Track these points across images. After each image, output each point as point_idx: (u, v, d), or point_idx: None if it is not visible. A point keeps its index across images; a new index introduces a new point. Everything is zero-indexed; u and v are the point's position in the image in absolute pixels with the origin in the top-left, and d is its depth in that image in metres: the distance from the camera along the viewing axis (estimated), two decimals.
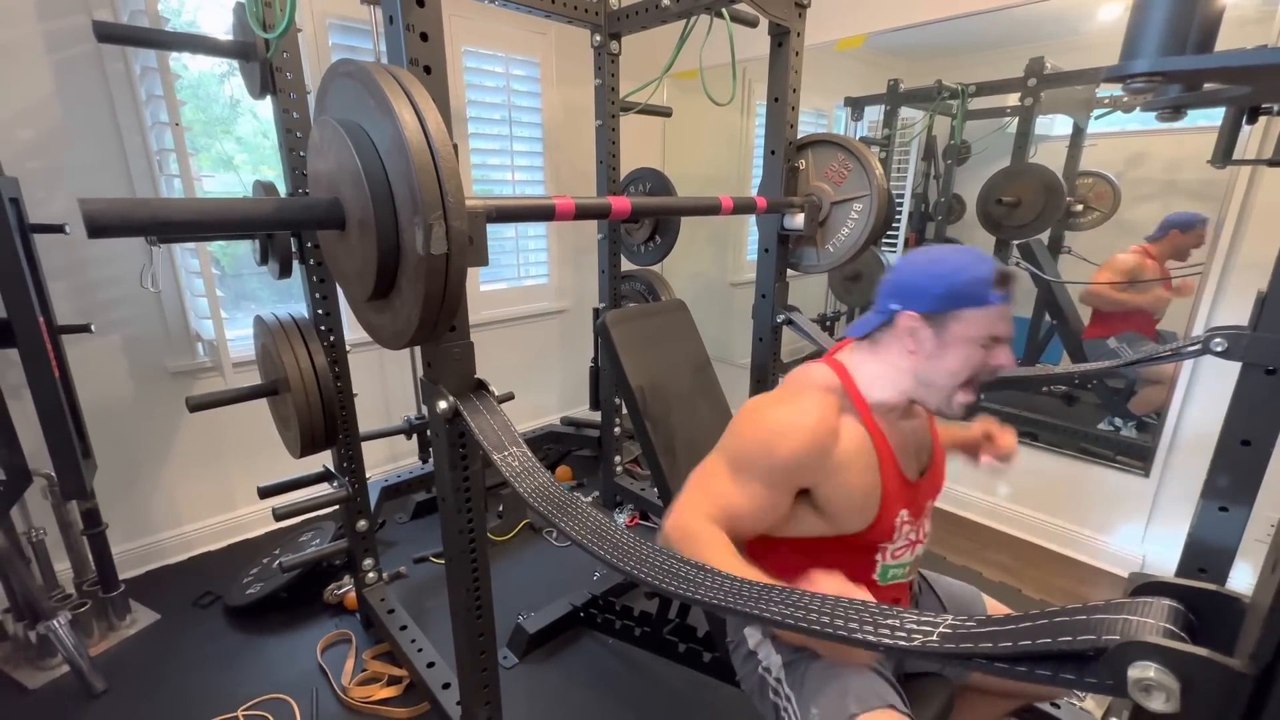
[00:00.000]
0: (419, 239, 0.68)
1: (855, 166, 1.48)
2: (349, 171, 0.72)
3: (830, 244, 1.57)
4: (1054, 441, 2.31)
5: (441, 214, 0.68)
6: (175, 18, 1.93)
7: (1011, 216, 2.34)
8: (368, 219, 0.71)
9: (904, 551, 0.96)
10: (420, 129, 0.68)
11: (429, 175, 0.67)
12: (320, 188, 0.81)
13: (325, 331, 1.51)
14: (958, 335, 0.82)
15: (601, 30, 1.84)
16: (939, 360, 0.84)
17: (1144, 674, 0.33)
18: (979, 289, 0.79)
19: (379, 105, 0.69)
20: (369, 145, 0.71)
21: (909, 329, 0.84)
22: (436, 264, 0.70)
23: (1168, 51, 0.41)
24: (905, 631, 0.47)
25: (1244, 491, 0.99)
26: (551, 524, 0.77)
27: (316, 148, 0.80)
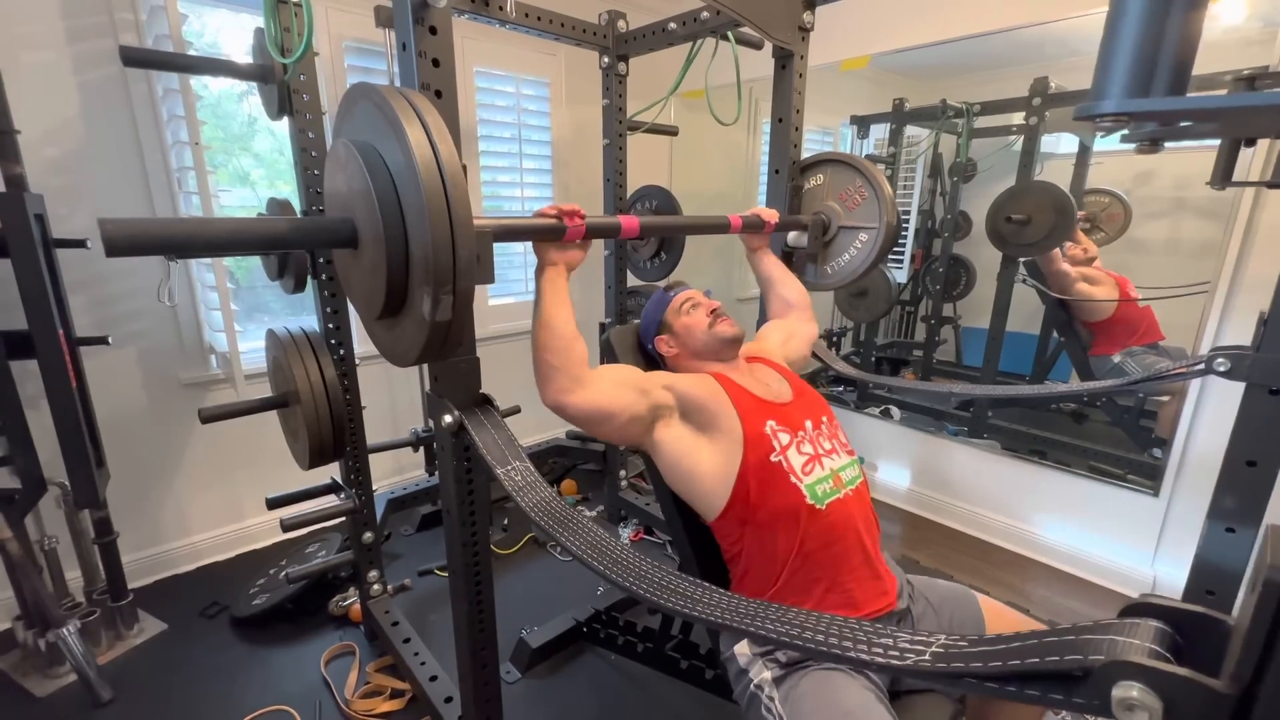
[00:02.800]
0: (425, 305, 0.70)
1: (870, 196, 1.47)
2: (362, 193, 0.73)
3: (830, 265, 1.57)
4: (1062, 459, 2.29)
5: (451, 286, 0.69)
6: (198, 40, 1.99)
7: (1021, 234, 2.33)
8: (379, 241, 0.72)
9: (811, 466, 1.07)
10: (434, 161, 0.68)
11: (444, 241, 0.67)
12: (335, 207, 0.83)
13: (335, 345, 1.54)
14: (678, 322, 1.23)
15: (610, 52, 1.88)
16: (685, 337, 1.22)
17: (1127, 694, 0.33)
18: (660, 299, 1.27)
19: (393, 131, 0.70)
20: (383, 169, 0.72)
21: (663, 345, 1.26)
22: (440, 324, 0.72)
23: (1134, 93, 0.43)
24: (898, 650, 0.48)
25: (1250, 512, 0.98)
26: (553, 539, 0.78)
27: (333, 168, 0.82)
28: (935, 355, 2.98)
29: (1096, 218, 2.26)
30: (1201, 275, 1.88)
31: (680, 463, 1.08)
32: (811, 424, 1.14)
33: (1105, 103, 0.44)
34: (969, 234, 2.75)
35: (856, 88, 2.82)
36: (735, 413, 1.08)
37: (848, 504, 1.07)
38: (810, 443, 1.10)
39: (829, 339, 3.22)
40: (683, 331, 1.22)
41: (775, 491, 1.04)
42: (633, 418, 1.04)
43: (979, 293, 2.75)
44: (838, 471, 1.10)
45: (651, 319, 1.27)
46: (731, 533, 1.09)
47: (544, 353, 1.00)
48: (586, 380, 1.01)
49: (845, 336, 3.28)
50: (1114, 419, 2.40)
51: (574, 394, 1.00)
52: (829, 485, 1.07)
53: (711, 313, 1.21)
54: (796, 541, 1.03)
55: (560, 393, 1.00)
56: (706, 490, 1.07)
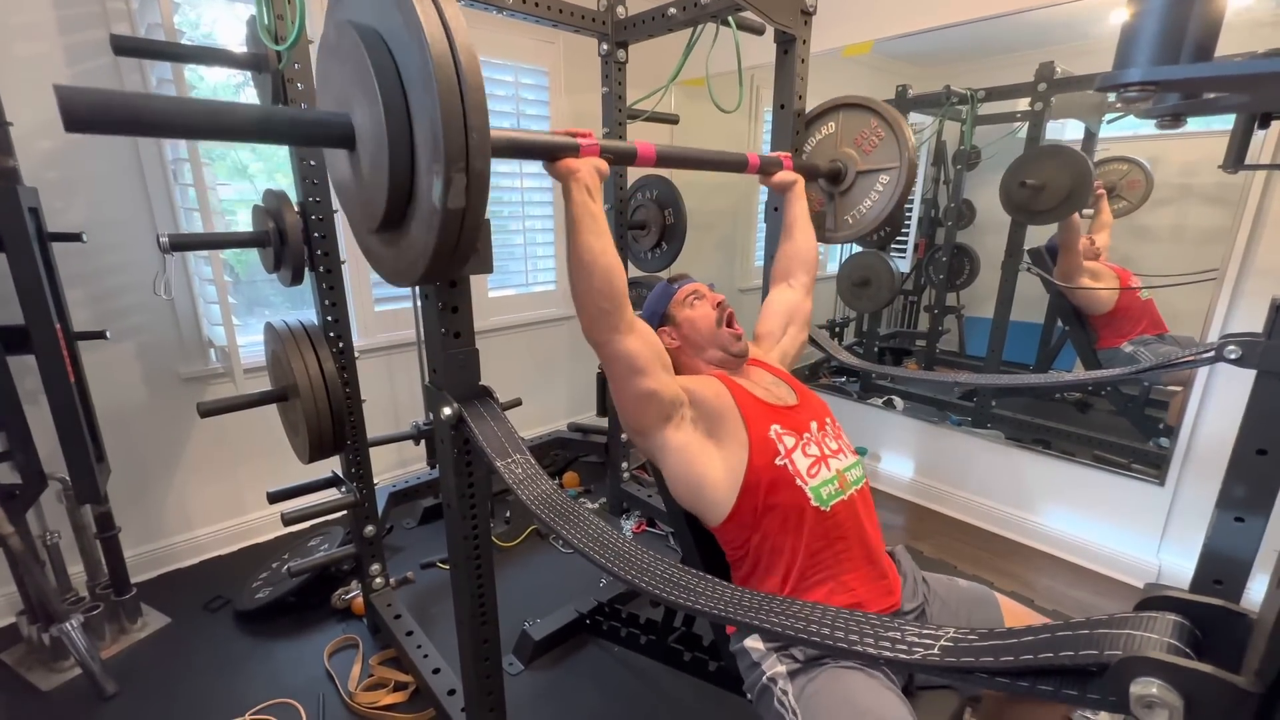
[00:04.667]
0: (436, 188, 0.61)
1: (887, 135, 1.41)
2: (358, 76, 0.64)
3: (850, 215, 1.51)
4: (1067, 449, 2.28)
5: (464, 164, 0.60)
6: (192, 30, 1.97)
7: (1036, 200, 2.24)
8: (380, 144, 0.64)
9: (817, 468, 1.06)
10: (449, 52, 0.59)
11: (454, 112, 0.58)
12: (329, 97, 0.73)
13: (335, 338, 1.52)
14: (683, 315, 1.21)
15: (609, 39, 1.85)
16: (691, 331, 1.20)
17: (1146, 690, 0.32)
18: (664, 290, 1.24)
19: (404, 16, 0.60)
20: (382, 47, 0.63)
21: (667, 336, 1.22)
22: (453, 214, 0.63)
23: (1162, 60, 0.41)
24: (906, 644, 0.46)
25: (1260, 502, 0.96)
26: (554, 532, 0.77)
27: (325, 59, 0.73)
28: (938, 345, 2.96)
29: (1117, 186, 2.18)
30: (1209, 262, 1.85)
31: (689, 470, 1.06)
32: (816, 425, 1.13)
33: (1131, 71, 0.42)
34: (973, 222, 2.72)
35: (859, 75, 2.78)
36: (741, 417, 1.06)
37: (853, 504, 1.07)
38: (816, 444, 1.09)
39: (831, 329, 3.20)
40: (686, 324, 1.20)
41: (780, 495, 1.03)
42: (656, 390, 1.02)
43: (982, 282, 2.73)
44: (843, 472, 1.09)
45: (653, 310, 1.24)
46: (735, 537, 1.08)
47: (591, 294, 0.95)
48: (632, 325, 0.99)
49: (848, 327, 3.26)
50: (1119, 408, 2.38)
51: (619, 334, 0.98)
52: (834, 486, 1.06)
53: (717, 306, 1.19)
54: (801, 543, 1.02)
55: (610, 330, 0.97)
56: (712, 498, 1.06)
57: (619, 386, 1.03)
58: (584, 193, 0.93)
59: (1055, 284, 2.40)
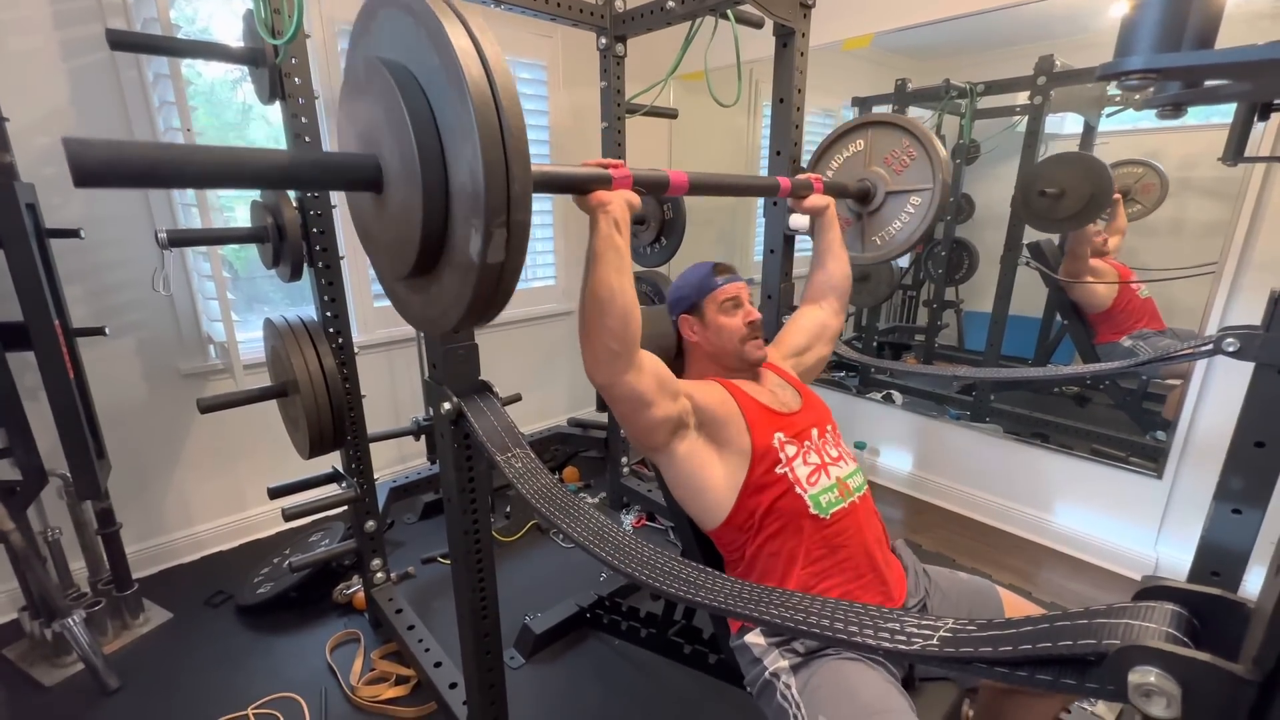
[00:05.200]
0: (474, 243, 0.57)
1: (920, 155, 1.37)
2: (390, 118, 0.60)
3: (879, 235, 1.47)
4: (1065, 443, 2.29)
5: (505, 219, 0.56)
6: (188, 24, 1.96)
7: (1055, 209, 2.21)
8: (412, 175, 0.59)
9: (817, 476, 1.06)
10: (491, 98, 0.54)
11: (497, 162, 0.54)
12: (350, 139, 0.69)
13: (334, 334, 1.52)
14: (712, 313, 1.16)
15: (607, 33, 1.84)
16: (714, 334, 1.16)
17: (1144, 679, 0.32)
18: (705, 278, 1.18)
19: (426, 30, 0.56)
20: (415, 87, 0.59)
21: (687, 326, 1.19)
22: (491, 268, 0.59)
23: (1163, 48, 0.41)
24: (905, 635, 0.47)
25: (1258, 494, 0.97)
26: (554, 526, 0.78)
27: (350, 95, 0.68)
28: (937, 340, 2.96)
29: (1131, 189, 2.16)
30: (1208, 256, 1.85)
31: (693, 477, 1.06)
32: (817, 432, 1.12)
33: (1133, 59, 0.42)
34: (971, 217, 2.72)
35: (858, 68, 2.77)
36: (745, 425, 1.06)
37: (854, 512, 1.07)
38: (816, 452, 1.09)
39: None
40: (713, 326, 1.16)
41: (779, 503, 1.03)
42: (665, 418, 1.00)
43: (981, 276, 2.73)
44: (844, 480, 1.09)
45: (687, 294, 1.18)
46: (731, 540, 1.09)
47: (602, 334, 0.90)
48: (640, 363, 0.95)
49: (847, 321, 3.26)
50: (1117, 402, 2.38)
51: (627, 375, 0.93)
52: (834, 494, 1.06)
53: (749, 324, 1.15)
54: (800, 551, 1.03)
55: (616, 373, 0.93)
56: (710, 502, 1.06)
57: (625, 419, 1.01)
58: (612, 226, 0.89)
59: (1055, 279, 2.40)
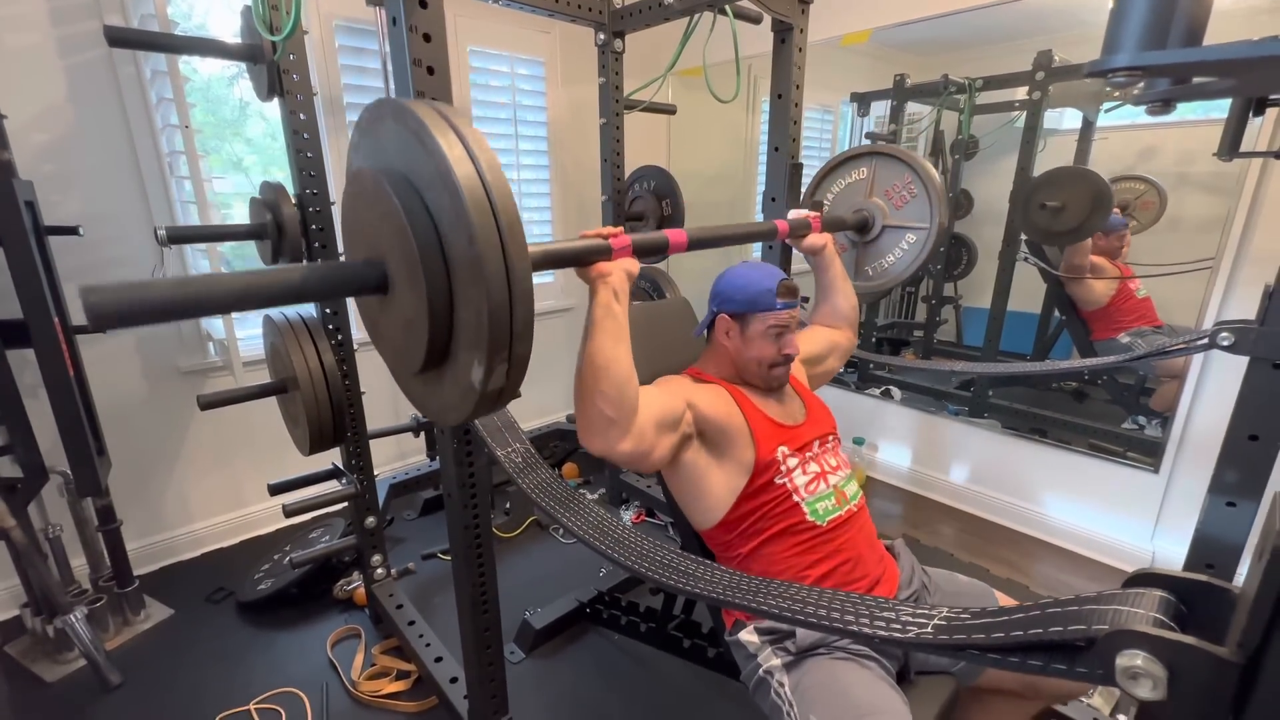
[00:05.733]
0: (476, 373, 0.59)
1: (920, 193, 1.37)
2: (396, 234, 0.61)
3: (872, 266, 1.48)
4: (1063, 438, 2.30)
5: (507, 354, 0.58)
6: (185, 21, 1.95)
7: (1055, 221, 2.24)
8: (418, 293, 0.61)
9: (816, 484, 1.07)
10: (499, 246, 0.56)
11: (501, 304, 0.56)
12: (359, 243, 0.71)
13: (333, 330, 1.53)
14: (755, 330, 1.10)
15: (605, 28, 1.84)
16: (747, 349, 1.11)
17: (1131, 662, 0.33)
18: (767, 299, 1.08)
19: (434, 162, 0.57)
20: (419, 206, 0.60)
21: (724, 327, 1.13)
22: (490, 393, 0.62)
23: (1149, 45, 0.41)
24: (901, 624, 0.48)
25: (1252, 486, 0.98)
26: (554, 519, 0.78)
27: (354, 199, 0.70)
28: (936, 335, 2.97)
29: (1130, 205, 2.18)
30: (1205, 251, 1.86)
31: (691, 482, 1.07)
32: (819, 443, 1.13)
33: (1119, 56, 0.42)
34: (970, 213, 2.72)
35: (857, 64, 2.77)
36: (751, 438, 1.06)
37: (851, 521, 1.08)
38: (816, 461, 1.10)
39: None
40: (751, 344, 1.11)
41: (775, 510, 1.04)
42: (666, 454, 1.01)
43: (980, 272, 2.73)
44: (841, 488, 1.10)
45: (738, 299, 1.11)
46: (724, 542, 1.10)
47: (599, 402, 0.89)
48: (636, 428, 0.93)
49: None
50: (1114, 397, 2.39)
51: (624, 442, 0.91)
52: (831, 502, 1.07)
53: (784, 355, 1.11)
54: (795, 559, 1.04)
55: (610, 443, 0.91)
56: (706, 505, 1.08)
57: (625, 467, 1.02)
58: (611, 296, 0.90)
59: (1054, 274, 2.41)
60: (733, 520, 1.06)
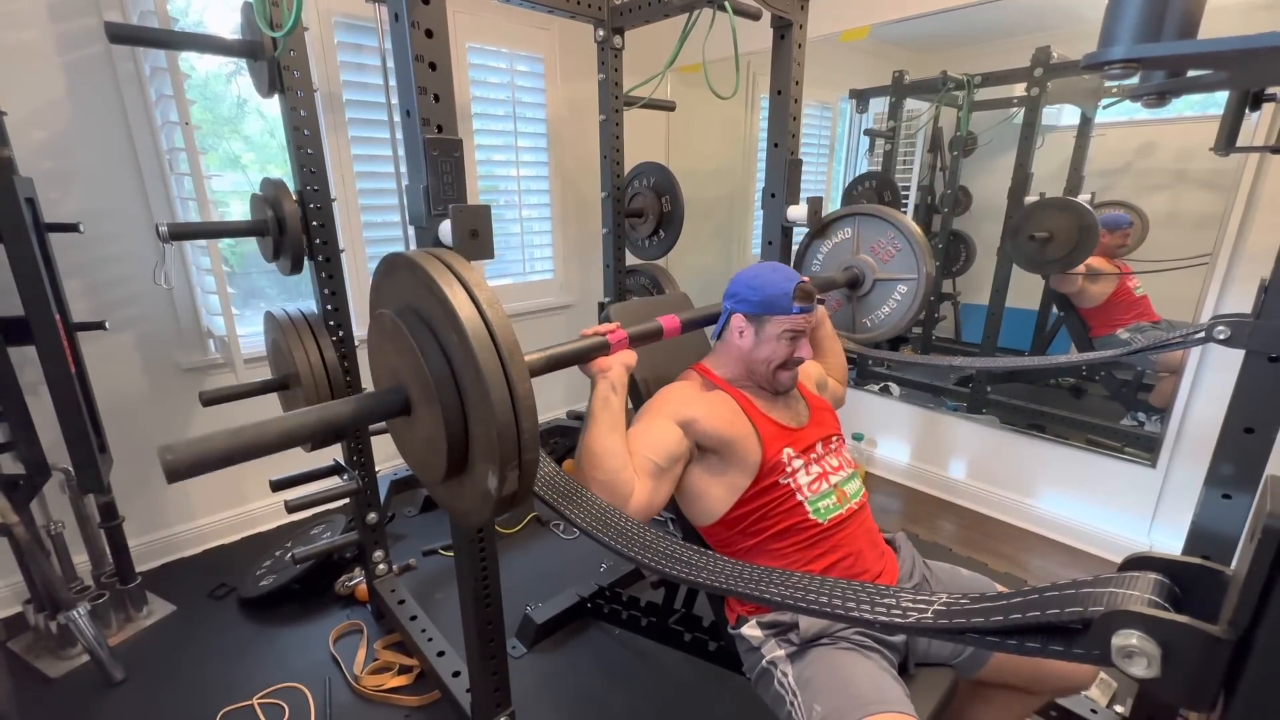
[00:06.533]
0: (490, 481, 0.67)
1: (904, 247, 1.43)
2: (414, 367, 0.70)
3: (869, 319, 1.54)
4: (1061, 433, 2.31)
5: (517, 463, 0.65)
6: (183, 18, 1.95)
7: (1043, 252, 2.30)
8: (436, 416, 0.68)
9: (818, 484, 1.08)
10: (504, 379, 0.63)
11: (508, 424, 0.63)
12: (384, 372, 0.80)
13: (335, 326, 1.53)
14: (769, 333, 1.10)
15: (604, 25, 1.84)
16: (758, 349, 1.11)
17: (1126, 641, 0.34)
18: (783, 301, 1.08)
19: (444, 312, 0.65)
20: (432, 342, 0.68)
21: (738, 327, 1.13)
22: (506, 498, 0.69)
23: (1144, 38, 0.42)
24: (901, 609, 0.48)
25: (1247, 479, 0.99)
26: (558, 513, 0.79)
27: (378, 337, 0.78)
28: (934, 332, 2.98)
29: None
30: (1202, 247, 1.87)
31: (691, 488, 1.09)
32: (823, 445, 1.15)
33: (1114, 49, 0.43)
34: (969, 209, 2.73)
35: (856, 61, 2.77)
36: (758, 441, 1.07)
37: (852, 520, 1.09)
38: (819, 462, 1.12)
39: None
40: (763, 347, 1.11)
41: (777, 509, 1.06)
42: (669, 493, 1.04)
43: (978, 268, 2.74)
44: (841, 486, 1.11)
45: (754, 300, 1.11)
46: (723, 538, 1.11)
47: (593, 485, 0.94)
48: (633, 503, 0.96)
49: None
50: (1112, 393, 2.41)
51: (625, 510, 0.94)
52: (832, 500, 1.08)
53: (795, 358, 1.12)
54: (795, 556, 1.05)
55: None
56: (706, 507, 1.09)
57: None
58: (609, 389, 0.97)
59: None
60: (733, 518, 1.07)
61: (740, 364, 1.15)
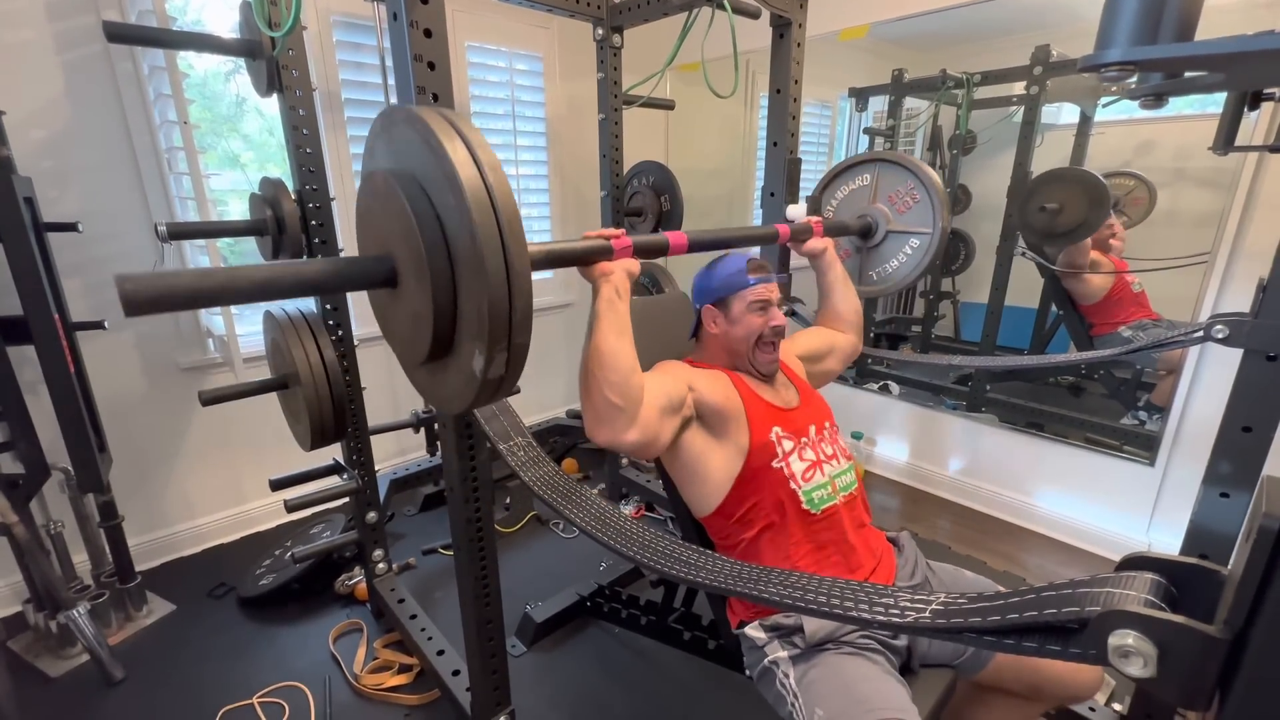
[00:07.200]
0: (477, 361, 0.62)
1: (923, 199, 1.38)
2: (404, 232, 0.65)
3: (876, 271, 1.49)
4: (1059, 432, 2.31)
5: (506, 344, 0.61)
6: (181, 17, 1.95)
7: (1054, 223, 2.24)
8: (424, 287, 0.64)
9: (812, 472, 1.08)
10: (500, 244, 0.59)
11: (500, 298, 0.59)
12: (371, 240, 0.74)
13: (334, 326, 1.53)
14: (737, 311, 1.14)
15: (604, 23, 1.84)
16: (733, 330, 1.14)
17: (1123, 641, 0.34)
18: (740, 279, 1.13)
19: (441, 166, 0.60)
20: (427, 206, 0.63)
21: (710, 317, 1.17)
22: (491, 381, 0.65)
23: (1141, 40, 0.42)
24: (899, 609, 0.48)
25: (1245, 478, 0.99)
26: (557, 512, 0.79)
27: (367, 199, 0.73)
28: (934, 330, 2.98)
29: (1120, 201, 2.19)
30: (1201, 246, 1.87)
31: (691, 464, 1.08)
32: (815, 429, 1.15)
33: (1111, 51, 0.43)
34: (968, 208, 2.73)
35: (855, 59, 2.77)
36: (745, 419, 1.08)
37: (842, 511, 1.09)
38: (812, 448, 1.12)
39: None
40: (737, 325, 1.14)
41: (772, 496, 1.06)
42: (670, 439, 1.02)
43: (978, 267, 2.74)
44: (834, 478, 1.11)
45: (714, 287, 1.16)
46: (722, 529, 1.11)
47: (605, 390, 0.90)
48: (641, 416, 0.94)
49: None
50: (1111, 391, 2.41)
51: (631, 432, 0.93)
52: (826, 491, 1.09)
53: (772, 328, 1.14)
54: (790, 545, 1.05)
55: (616, 433, 0.93)
56: (705, 490, 1.09)
57: (630, 456, 1.04)
58: (613, 292, 0.92)
59: (1051, 269, 2.42)
60: (730, 506, 1.07)
61: (722, 352, 1.17)
